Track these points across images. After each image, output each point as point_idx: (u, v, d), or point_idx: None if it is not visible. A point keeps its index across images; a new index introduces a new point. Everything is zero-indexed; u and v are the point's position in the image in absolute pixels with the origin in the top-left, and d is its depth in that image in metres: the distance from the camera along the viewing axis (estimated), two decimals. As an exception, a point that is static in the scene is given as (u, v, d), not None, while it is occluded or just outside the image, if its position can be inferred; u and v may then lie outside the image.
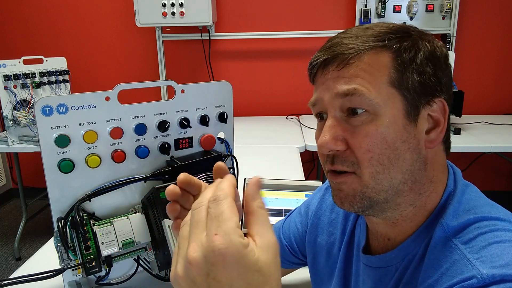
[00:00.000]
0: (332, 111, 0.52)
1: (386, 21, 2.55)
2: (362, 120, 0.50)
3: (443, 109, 0.53)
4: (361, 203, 0.52)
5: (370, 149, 0.50)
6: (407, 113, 0.50)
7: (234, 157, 0.91)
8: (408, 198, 0.53)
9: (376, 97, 0.49)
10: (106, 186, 0.76)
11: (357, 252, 0.64)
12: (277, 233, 0.81)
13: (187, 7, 2.45)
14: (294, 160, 1.76)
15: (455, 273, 0.46)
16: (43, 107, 0.69)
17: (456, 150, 2.04)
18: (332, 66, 0.52)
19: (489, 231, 0.47)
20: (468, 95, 2.23)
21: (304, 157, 1.87)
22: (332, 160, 0.53)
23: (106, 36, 2.93)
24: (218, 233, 0.32)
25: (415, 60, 0.50)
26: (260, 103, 2.93)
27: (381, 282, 0.57)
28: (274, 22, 2.78)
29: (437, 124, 0.53)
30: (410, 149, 0.51)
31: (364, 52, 0.50)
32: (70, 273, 0.72)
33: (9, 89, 2.08)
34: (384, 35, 0.51)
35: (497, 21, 2.67)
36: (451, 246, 0.48)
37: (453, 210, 0.52)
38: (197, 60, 2.87)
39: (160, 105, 0.79)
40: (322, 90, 0.53)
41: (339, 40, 0.53)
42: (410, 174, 0.51)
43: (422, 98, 0.51)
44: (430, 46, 0.52)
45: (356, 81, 0.50)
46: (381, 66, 0.50)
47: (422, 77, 0.50)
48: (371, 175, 0.50)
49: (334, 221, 0.71)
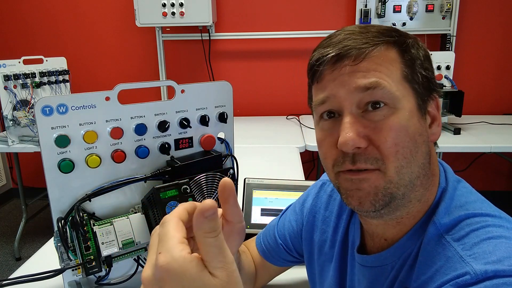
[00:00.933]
0: (348, 107, 0.50)
1: (386, 21, 2.56)
2: (384, 114, 0.49)
3: (437, 105, 0.55)
4: (383, 201, 0.50)
5: (397, 143, 0.49)
6: (419, 107, 0.51)
7: (234, 157, 0.91)
8: (418, 193, 0.53)
9: (396, 91, 0.50)
10: (106, 186, 0.76)
11: (352, 252, 0.64)
12: (272, 231, 0.81)
13: (187, 7, 2.45)
14: (294, 160, 1.76)
15: (449, 270, 0.46)
16: (43, 107, 0.69)
17: (456, 150, 2.04)
18: (347, 60, 0.50)
19: (480, 227, 0.48)
20: (468, 95, 2.23)
21: (304, 157, 1.87)
22: (352, 160, 0.50)
23: (106, 36, 2.93)
24: (161, 251, 0.34)
25: (419, 57, 0.52)
26: (260, 103, 2.93)
27: (377, 282, 0.57)
28: (274, 22, 2.78)
29: (434, 119, 0.55)
30: (424, 142, 0.52)
31: (377, 46, 0.50)
32: (70, 273, 0.72)
33: (9, 89, 2.08)
34: (389, 32, 0.52)
35: (497, 21, 2.67)
36: (444, 243, 0.49)
37: (445, 207, 0.52)
38: (197, 60, 2.87)
39: (160, 105, 0.79)
40: (336, 86, 0.51)
41: (346, 35, 0.52)
42: (422, 167, 0.52)
43: (428, 93, 0.53)
44: (423, 46, 0.54)
45: (375, 74, 0.49)
46: (393, 61, 0.51)
47: (427, 73, 0.52)
48: (396, 170, 0.49)
49: (327, 219, 0.71)
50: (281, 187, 1.01)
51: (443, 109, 2.17)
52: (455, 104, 2.12)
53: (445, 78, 2.21)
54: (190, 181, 0.78)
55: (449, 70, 2.21)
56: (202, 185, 0.85)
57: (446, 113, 2.17)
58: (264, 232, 0.84)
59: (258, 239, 0.84)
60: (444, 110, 2.18)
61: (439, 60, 2.21)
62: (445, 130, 2.22)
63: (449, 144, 2.02)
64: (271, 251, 0.80)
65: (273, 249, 0.80)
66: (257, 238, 0.85)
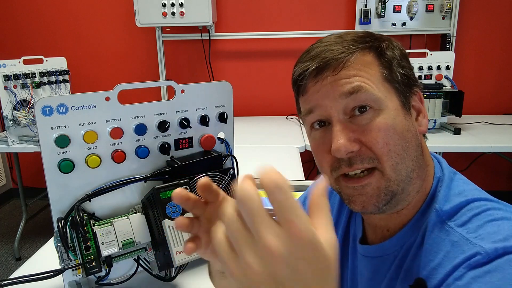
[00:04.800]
0: (335, 115, 0.53)
1: (386, 21, 2.57)
2: (370, 117, 0.52)
3: (420, 98, 0.58)
4: (385, 200, 0.52)
5: (387, 142, 0.51)
6: (403, 104, 0.54)
7: (234, 157, 0.91)
8: (416, 185, 0.55)
9: (378, 92, 0.52)
10: (106, 186, 0.76)
11: (353, 245, 0.66)
12: None
13: (187, 7, 2.45)
14: (294, 160, 1.76)
15: (457, 253, 0.47)
16: (43, 107, 0.69)
17: (456, 150, 2.03)
18: (327, 71, 0.53)
19: (481, 211, 0.50)
20: (468, 95, 2.23)
21: (304, 157, 1.87)
22: (348, 163, 0.52)
23: (106, 36, 2.93)
24: (296, 222, 0.28)
25: (396, 57, 0.55)
26: (260, 103, 2.93)
27: (379, 272, 0.58)
28: (274, 22, 2.78)
29: (419, 111, 0.58)
30: (413, 136, 0.54)
31: (354, 53, 0.53)
32: (70, 273, 0.72)
33: (9, 89, 2.08)
34: (363, 38, 0.55)
35: (497, 21, 2.67)
36: (448, 229, 0.50)
37: (444, 195, 0.54)
38: (197, 60, 2.87)
39: (160, 105, 0.79)
40: (320, 97, 0.54)
41: (323, 48, 0.54)
42: (416, 160, 0.54)
43: (409, 89, 0.55)
44: (399, 45, 0.57)
45: (356, 79, 0.52)
46: (371, 64, 0.53)
47: (404, 71, 0.55)
48: (391, 167, 0.52)
49: None
50: (281, 187, 1.01)
51: (443, 109, 2.17)
52: (455, 104, 2.11)
53: (445, 78, 2.21)
54: (190, 181, 0.78)
55: (449, 70, 2.21)
56: (202, 185, 0.85)
57: (446, 113, 2.17)
58: None
59: None
60: (444, 110, 2.17)
61: (439, 60, 2.21)
62: (445, 130, 2.22)
63: (449, 144, 2.02)
64: None
65: None
66: None
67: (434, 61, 2.21)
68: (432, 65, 2.21)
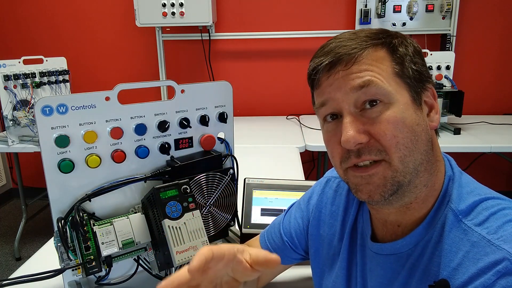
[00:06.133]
0: (346, 108, 0.54)
1: (386, 21, 2.57)
2: (380, 110, 0.53)
3: (433, 94, 0.59)
4: (391, 190, 0.53)
5: (395, 134, 0.52)
6: (414, 99, 0.55)
7: (234, 157, 0.91)
8: (424, 178, 0.55)
9: (388, 87, 0.53)
10: (106, 186, 0.76)
11: (362, 242, 0.66)
12: (277, 229, 0.82)
13: (187, 7, 2.45)
14: (294, 160, 1.76)
15: (478, 255, 0.47)
16: (43, 107, 0.69)
17: (456, 150, 2.03)
18: (339, 66, 0.55)
19: (497, 210, 0.51)
20: (468, 95, 2.23)
21: (304, 157, 1.87)
22: (357, 154, 0.54)
23: (106, 36, 2.93)
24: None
25: (408, 53, 0.56)
26: (260, 103, 2.93)
27: (392, 269, 0.59)
28: (274, 22, 2.78)
29: (432, 107, 0.58)
30: (423, 131, 0.55)
31: (366, 49, 0.54)
32: (70, 273, 0.72)
33: (9, 89, 2.08)
34: (376, 35, 0.56)
35: (497, 21, 2.67)
36: (465, 228, 0.51)
37: (458, 193, 0.55)
38: (197, 60, 2.87)
39: (160, 105, 0.79)
40: (332, 90, 0.55)
41: (337, 44, 0.56)
42: (425, 154, 0.55)
43: (421, 85, 0.56)
44: (413, 42, 0.58)
45: (367, 73, 0.53)
46: (383, 60, 0.55)
47: (417, 67, 0.56)
48: (399, 159, 0.53)
49: (334, 213, 0.73)
50: (281, 187, 1.01)
51: (443, 109, 2.17)
52: (455, 104, 2.11)
53: (445, 78, 2.21)
54: (190, 181, 0.78)
55: (449, 70, 2.21)
56: (202, 185, 0.85)
57: (446, 113, 2.17)
58: (269, 230, 0.84)
59: (263, 238, 0.84)
60: (444, 110, 2.17)
61: (439, 60, 2.21)
62: (445, 130, 2.22)
63: (449, 144, 2.02)
64: (276, 248, 0.81)
65: (278, 246, 0.81)
66: (261, 236, 0.85)
67: (434, 61, 2.21)
68: (432, 65, 2.21)
